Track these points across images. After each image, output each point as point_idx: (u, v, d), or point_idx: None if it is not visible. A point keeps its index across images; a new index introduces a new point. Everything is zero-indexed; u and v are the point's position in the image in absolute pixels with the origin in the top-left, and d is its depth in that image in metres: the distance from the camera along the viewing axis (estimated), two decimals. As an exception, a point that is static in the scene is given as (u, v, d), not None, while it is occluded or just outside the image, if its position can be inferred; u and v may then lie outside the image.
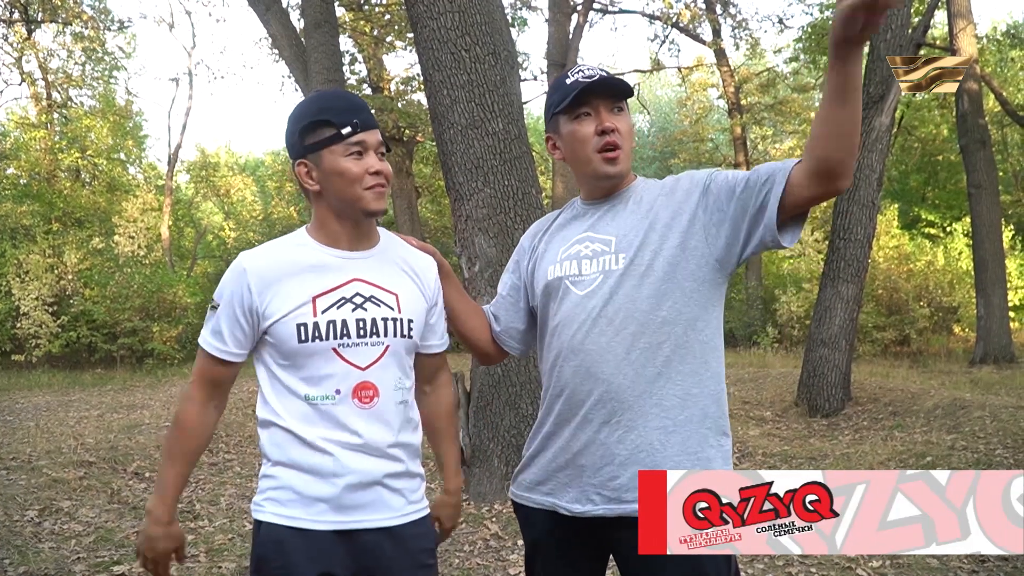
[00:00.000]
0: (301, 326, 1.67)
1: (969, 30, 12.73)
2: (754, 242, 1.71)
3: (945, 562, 3.96)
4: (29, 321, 14.39)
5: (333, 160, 1.68)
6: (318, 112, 1.70)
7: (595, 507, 1.72)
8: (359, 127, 1.68)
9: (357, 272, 1.74)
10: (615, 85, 1.79)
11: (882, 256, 15.51)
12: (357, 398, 1.70)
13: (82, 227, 17.45)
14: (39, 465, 5.55)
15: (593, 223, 1.85)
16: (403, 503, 1.75)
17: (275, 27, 11.34)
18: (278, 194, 23.12)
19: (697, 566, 1.65)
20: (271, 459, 1.73)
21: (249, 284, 1.69)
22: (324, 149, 1.68)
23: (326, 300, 1.70)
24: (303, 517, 1.67)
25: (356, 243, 1.77)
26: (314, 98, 1.76)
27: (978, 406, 7.17)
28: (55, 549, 4.22)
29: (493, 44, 4.98)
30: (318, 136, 1.69)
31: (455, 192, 5.04)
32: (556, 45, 15.07)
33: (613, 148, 1.79)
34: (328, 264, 1.73)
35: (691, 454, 1.71)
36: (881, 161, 8.52)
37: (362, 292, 1.73)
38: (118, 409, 9.13)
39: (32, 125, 18.67)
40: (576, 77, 1.80)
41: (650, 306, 1.72)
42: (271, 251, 1.76)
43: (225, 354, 1.74)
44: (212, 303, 1.75)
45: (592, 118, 1.80)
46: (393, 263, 1.81)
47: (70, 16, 18.22)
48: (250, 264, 1.71)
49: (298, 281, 1.70)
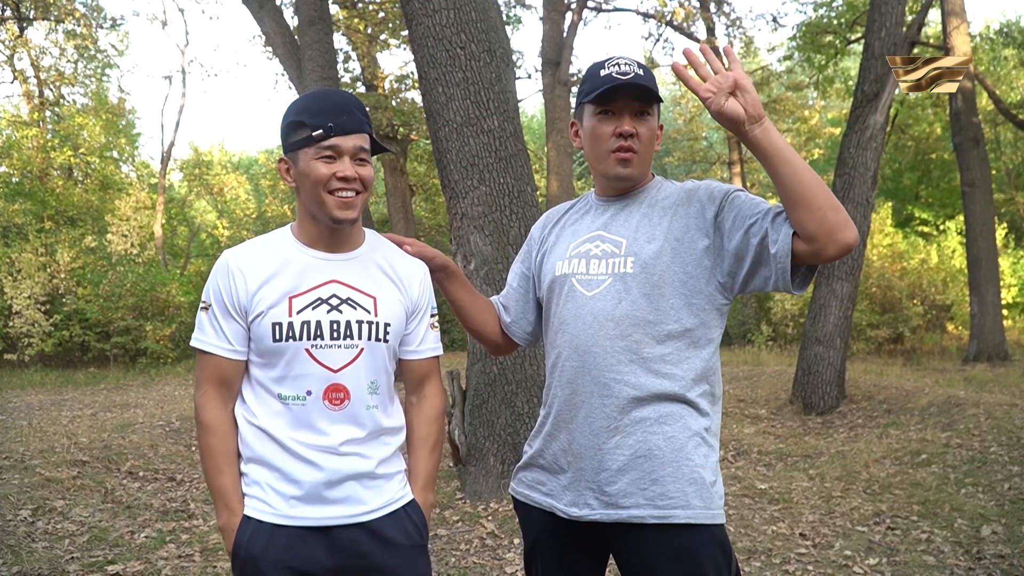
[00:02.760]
0: (276, 325, 1.67)
1: (963, 28, 12.76)
2: (757, 281, 1.68)
3: (942, 560, 3.97)
4: (22, 320, 14.31)
5: (305, 161, 1.68)
6: (297, 112, 1.70)
7: (592, 511, 1.72)
8: (332, 131, 1.66)
9: (335, 274, 1.74)
10: (644, 89, 1.76)
11: (876, 254, 15.55)
12: (328, 400, 1.69)
13: (75, 225, 17.38)
14: (32, 464, 5.52)
15: (606, 222, 1.84)
16: (376, 498, 1.75)
17: (269, 25, 11.30)
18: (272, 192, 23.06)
19: (696, 565, 1.65)
20: (244, 456, 1.73)
21: (234, 280, 1.70)
22: (299, 150, 1.69)
23: (302, 300, 1.70)
24: (276, 511, 1.69)
25: (335, 245, 1.77)
26: (302, 97, 1.76)
27: (972, 404, 7.19)
28: (48, 549, 4.20)
29: (488, 41, 4.96)
30: (296, 136, 1.70)
31: (450, 190, 5.03)
32: (550, 43, 15.06)
33: (627, 151, 1.77)
34: (307, 264, 1.73)
35: (688, 461, 1.70)
36: (875, 159, 8.53)
37: (339, 294, 1.72)
38: (111, 408, 9.10)
39: (24, 123, 18.56)
40: (611, 71, 1.76)
41: (656, 316, 1.72)
42: (253, 248, 1.77)
43: (230, 352, 1.72)
44: (203, 304, 1.74)
45: (614, 118, 1.78)
46: (375, 266, 1.80)
47: (62, 13, 18.13)
48: (233, 261, 1.73)
49: (276, 280, 1.70)
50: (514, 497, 1.94)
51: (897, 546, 4.18)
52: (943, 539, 4.24)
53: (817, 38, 17.00)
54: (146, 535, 4.54)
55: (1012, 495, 4.85)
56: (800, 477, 5.71)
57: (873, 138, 8.47)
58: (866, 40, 8.83)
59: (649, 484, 1.68)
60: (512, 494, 1.95)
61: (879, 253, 15.73)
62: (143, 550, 4.28)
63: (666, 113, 28.70)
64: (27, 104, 19.52)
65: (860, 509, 4.83)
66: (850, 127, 8.71)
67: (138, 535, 4.54)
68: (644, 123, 1.78)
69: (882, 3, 8.51)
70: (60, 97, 20.29)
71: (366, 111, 1.75)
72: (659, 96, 1.79)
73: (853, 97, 8.93)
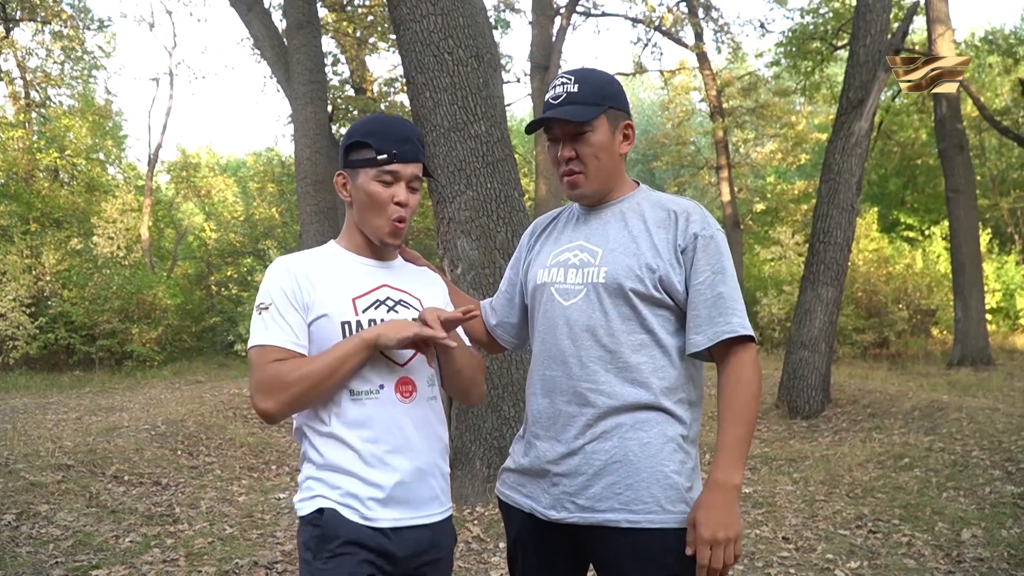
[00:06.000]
0: (345, 324, 1.74)
1: (948, 36, 12.89)
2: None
3: (922, 563, 4.01)
4: (6, 323, 14.21)
5: (365, 180, 1.79)
6: (365, 134, 1.80)
7: (570, 515, 1.75)
8: (395, 158, 1.77)
9: (385, 279, 1.86)
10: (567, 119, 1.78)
11: (861, 259, 15.65)
12: (399, 392, 1.77)
13: (61, 228, 17.27)
14: (16, 468, 5.48)
15: (586, 231, 1.87)
16: (440, 499, 1.83)
17: (257, 27, 11.29)
18: (260, 195, 22.91)
19: (667, 568, 1.69)
20: (315, 463, 1.75)
21: (297, 279, 1.76)
22: (361, 168, 1.80)
23: (364, 301, 1.79)
24: (357, 509, 1.71)
25: (380, 254, 1.89)
26: (369, 119, 1.85)
27: (955, 408, 7.26)
28: (32, 554, 4.18)
29: (476, 47, 4.99)
30: (359, 155, 1.80)
31: (438, 194, 5.04)
32: (539, 47, 15.10)
33: (571, 174, 1.83)
34: (360, 269, 1.85)
35: (663, 467, 1.72)
36: (860, 165, 8.61)
37: (392, 296, 1.83)
38: (96, 412, 9.04)
39: (10, 124, 18.42)
40: (547, 97, 1.84)
41: (629, 327, 1.75)
42: (306, 255, 1.86)
43: (294, 344, 1.73)
44: (261, 306, 1.76)
45: (557, 143, 1.84)
46: (412, 274, 1.94)
47: (49, 15, 18.02)
48: (292, 263, 1.81)
49: (337, 282, 1.80)
50: (498, 497, 1.98)
51: (878, 549, 4.22)
52: (924, 542, 4.28)
53: (804, 44, 17.15)
54: (131, 540, 4.53)
55: (992, 499, 4.90)
56: (784, 481, 5.75)
57: (858, 144, 8.54)
58: (851, 47, 8.91)
59: (624, 489, 1.71)
60: (497, 493, 1.99)
61: (865, 258, 15.83)
62: (128, 555, 4.26)
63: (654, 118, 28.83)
64: (13, 105, 19.38)
65: (843, 513, 4.87)
66: (835, 133, 8.78)
67: (123, 540, 4.53)
68: (583, 142, 1.79)
69: (867, 11, 8.59)
70: (46, 98, 20.15)
71: (423, 142, 1.88)
72: (588, 117, 1.77)
73: (838, 104, 9.01)
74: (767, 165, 24.26)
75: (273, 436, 8.13)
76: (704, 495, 1.68)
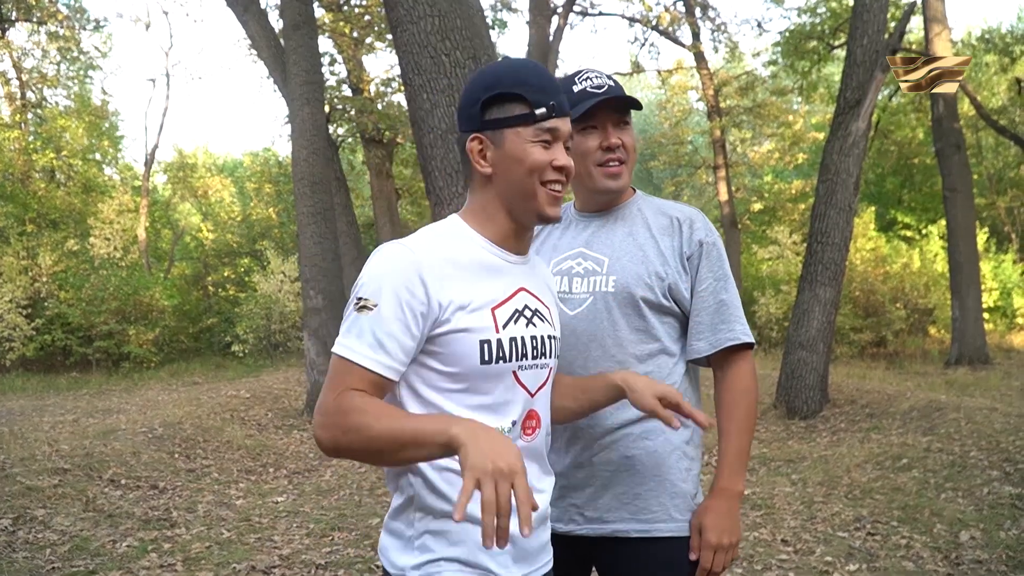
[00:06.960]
0: (484, 343, 1.37)
1: (944, 35, 12.89)
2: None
3: (920, 565, 4.01)
4: (2, 324, 14.18)
5: (518, 143, 1.40)
6: (513, 84, 1.41)
7: (578, 527, 1.74)
8: (555, 111, 1.41)
9: (522, 280, 1.48)
10: (626, 99, 1.76)
11: (859, 258, 15.65)
12: (523, 429, 1.44)
13: (57, 228, 17.24)
14: (13, 472, 5.46)
15: (588, 238, 1.82)
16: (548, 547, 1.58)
17: (253, 28, 11.27)
18: (257, 195, 22.87)
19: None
20: (436, 511, 1.38)
21: (423, 278, 1.33)
22: (510, 128, 1.41)
23: (503, 313, 1.41)
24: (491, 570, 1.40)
25: (521, 246, 1.49)
26: (507, 66, 1.46)
27: (953, 408, 7.25)
28: (29, 559, 4.16)
29: (473, 48, 4.97)
30: (506, 112, 1.41)
31: (435, 196, 5.03)
32: (536, 47, 15.07)
33: (618, 163, 1.77)
34: (499, 268, 1.45)
35: (669, 475, 1.72)
36: (858, 165, 8.60)
37: (530, 305, 1.47)
38: (93, 414, 9.02)
39: (6, 125, 18.38)
40: (584, 86, 1.75)
41: (638, 337, 1.74)
42: (435, 243, 1.41)
43: (391, 371, 1.33)
44: (360, 302, 1.34)
45: (597, 132, 1.76)
46: (539, 268, 1.59)
47: (45, 15, 17.99)
48: (419, 257, 1.35)
49: (473, 286, 1.39)
50: None
51: (877, 552, 4.22)
52: (922, 544, 4.28)
53: (801, 44, 17.14)
54: (128, 544, 4.51)
55: (991, 500, 4.90)
56: (783, 482, 5.74)
57: (855, 144, 8.53)
58: (848, 47, 8.90)
59: (632, 499, 1.70)
60: None
61: (862, 257, 15.83)
62: (125, 559, 4.25)
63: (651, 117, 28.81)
64: (9, 106, 19.33)
65: (841, 515, 4.87)
66: (833, 133, 8.78)
67: (120, 544, 4.51)
68: (626, 132, 1.79)
69: (864, 10, 8.58)
70: (42, 99, 20.11)
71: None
72: (639, 104, 1.80)
73: (836, 103, 9.01)
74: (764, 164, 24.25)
75: (270, 439, 8.12)
76: (710, 501, 1.69)
